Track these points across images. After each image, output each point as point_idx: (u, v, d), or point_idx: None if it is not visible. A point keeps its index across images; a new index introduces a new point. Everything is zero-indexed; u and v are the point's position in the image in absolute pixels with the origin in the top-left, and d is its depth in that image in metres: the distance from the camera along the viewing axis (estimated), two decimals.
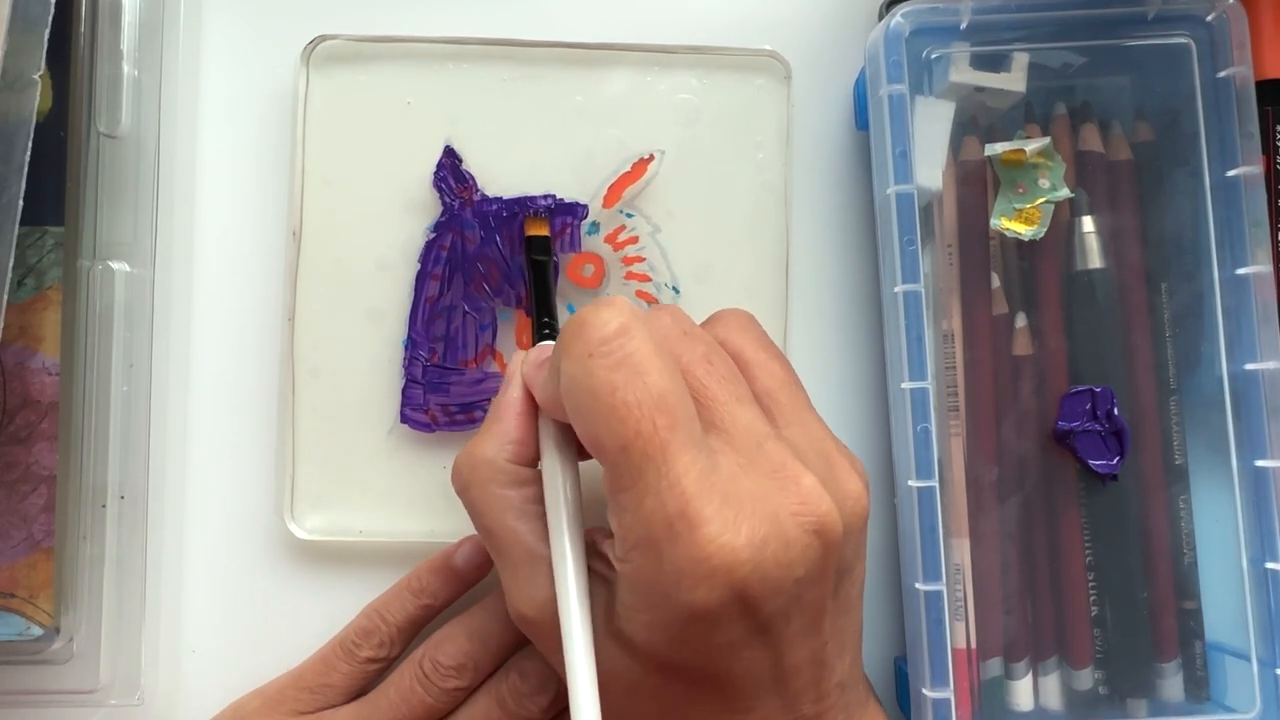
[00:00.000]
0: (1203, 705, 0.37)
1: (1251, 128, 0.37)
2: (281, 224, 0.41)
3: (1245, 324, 0.37)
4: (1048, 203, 0.38)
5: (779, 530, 0.29)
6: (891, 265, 0.36)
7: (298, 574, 0.40)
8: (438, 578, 0.39)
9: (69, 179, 0.37)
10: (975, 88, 0.38)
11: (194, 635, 0.40)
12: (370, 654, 0.38)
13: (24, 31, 0.34)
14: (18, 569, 0.37)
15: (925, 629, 0.35)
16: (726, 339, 0.34)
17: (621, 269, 0.41)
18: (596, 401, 0.29)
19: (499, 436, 0.33)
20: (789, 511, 0.29)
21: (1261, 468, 0.37)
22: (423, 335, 0.40)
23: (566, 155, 0.41)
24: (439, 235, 0.40)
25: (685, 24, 0.42)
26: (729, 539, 0.28)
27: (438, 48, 0.41)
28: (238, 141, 0.42)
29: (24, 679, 0.38)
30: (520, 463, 0.33)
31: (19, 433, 0.37)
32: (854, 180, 0.42)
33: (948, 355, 0.38)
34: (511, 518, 0.32)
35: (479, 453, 0.33)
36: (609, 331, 0.29)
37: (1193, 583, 0.38)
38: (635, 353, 0.29)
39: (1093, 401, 0.37)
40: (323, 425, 0.40)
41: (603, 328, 0.29)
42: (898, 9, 0.37)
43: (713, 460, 0.29)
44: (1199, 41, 0.38)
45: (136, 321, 0.39)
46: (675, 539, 0.28)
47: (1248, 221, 0.37)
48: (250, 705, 0.39)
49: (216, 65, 0.42)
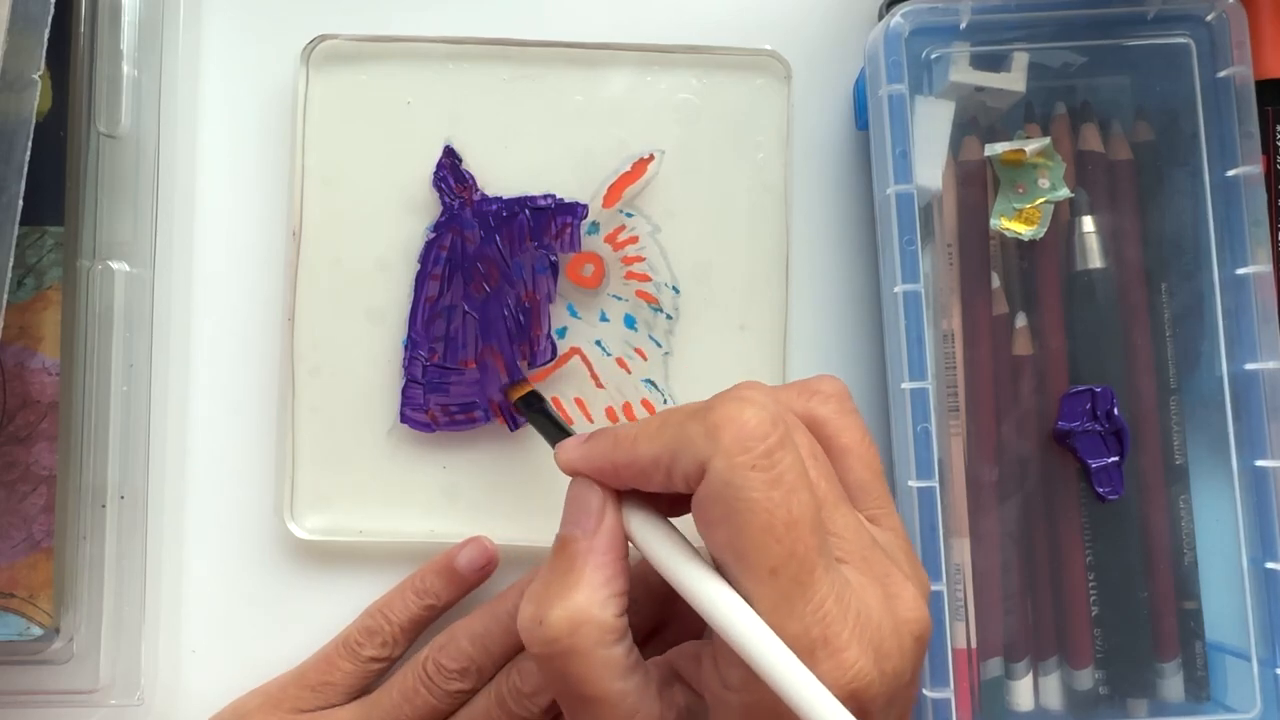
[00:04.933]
0: (1203, 705, 0.37)
1: (1251, 128, 0.37)
2: (281, 224, 0.41)
3: (1245, 324, 0.37)
4: (1048, 203, 0.38)
5: (899, 644, 0.29)
6: (891, 265, 0.36)
7: (298, 574, 0.40)
8: (441, 579, 0.39)
9: (69, 179, 0.37)
10: (975, 88, 0.38)
11: (194, 635, 0.40)
12: (373, 653, 0.38)
13: (24, 31, 0.34)
14: (18, 569, 0.37)
15: None
16: (825, 419, 0.32)
17: (621, 269, 0.41)
18: (754, 516, 0.27)
19: (600, 587, 0.30)
20: (902, 621, 0.29)
21: (1261, 467, 0.37)
22: (423, 335, 0.40)
23: (566, 155, 0.41)
24: (439, 235, 0.40)
25: (685, 24, 0.42)
26: (864, 662, 0.27)
27: (438, 48, 0.41)
28: (238, 142, 0.42)
29: (24, 679, 0.38)
30: (624, 613, 0.30)
31: (19, 433, 0.37)
32: (854, 180, 0.42)
33: (948, 355, 0.38)
34: (619, 679, 0.29)
35: (580, 610, 0.29)
36: (771, 444, 0.28)
37: (1193, 582, 0.38)
38: (792, 468, 0.28)
39: (1093, 401, 0.37)
40: (323, 425, 0.40)
41: (764, 437, 0.28)
42: (897, 9, 0.37)
43: (842, 576, 0.28)
44: (1199, 41, 0.38)
45: (136, 321, 0.39)
46: (815, 665, 0.27)
47: (1248, 221, 0.37)
48: (251, 703, 0.39)
49: (216, 65, 0.42)
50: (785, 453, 0.28)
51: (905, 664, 0.29)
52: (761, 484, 0.27)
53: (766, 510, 0.27)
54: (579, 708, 0.30)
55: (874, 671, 0.28)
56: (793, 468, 0.28)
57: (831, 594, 0.27)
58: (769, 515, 0.27)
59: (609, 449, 0.31)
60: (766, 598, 0.27)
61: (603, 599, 0.29)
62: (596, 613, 0.29)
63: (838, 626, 0.27)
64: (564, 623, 0.29)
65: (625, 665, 0.29)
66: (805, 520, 0.27)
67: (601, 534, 0.30)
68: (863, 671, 0.27)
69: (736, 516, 0.27)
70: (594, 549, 0.30)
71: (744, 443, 0.27)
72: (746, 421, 0.28)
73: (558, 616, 0.29)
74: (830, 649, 0.27)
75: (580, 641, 0.29)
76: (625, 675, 0.29)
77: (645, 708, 0.30)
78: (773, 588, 0.27)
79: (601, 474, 0.31)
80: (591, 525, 0.30)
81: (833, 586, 0.28)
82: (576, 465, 0.31)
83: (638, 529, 0.30)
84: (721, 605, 0.28)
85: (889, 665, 0.28)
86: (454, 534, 0.39)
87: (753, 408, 0.28)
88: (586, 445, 0.31)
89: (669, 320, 0.41)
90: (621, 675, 0.29)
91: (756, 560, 0.27)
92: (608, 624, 0.29)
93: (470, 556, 0.39)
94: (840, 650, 0.27)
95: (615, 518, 0.31)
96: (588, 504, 0.31)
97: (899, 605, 0.29)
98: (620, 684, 0.29)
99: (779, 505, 0.27)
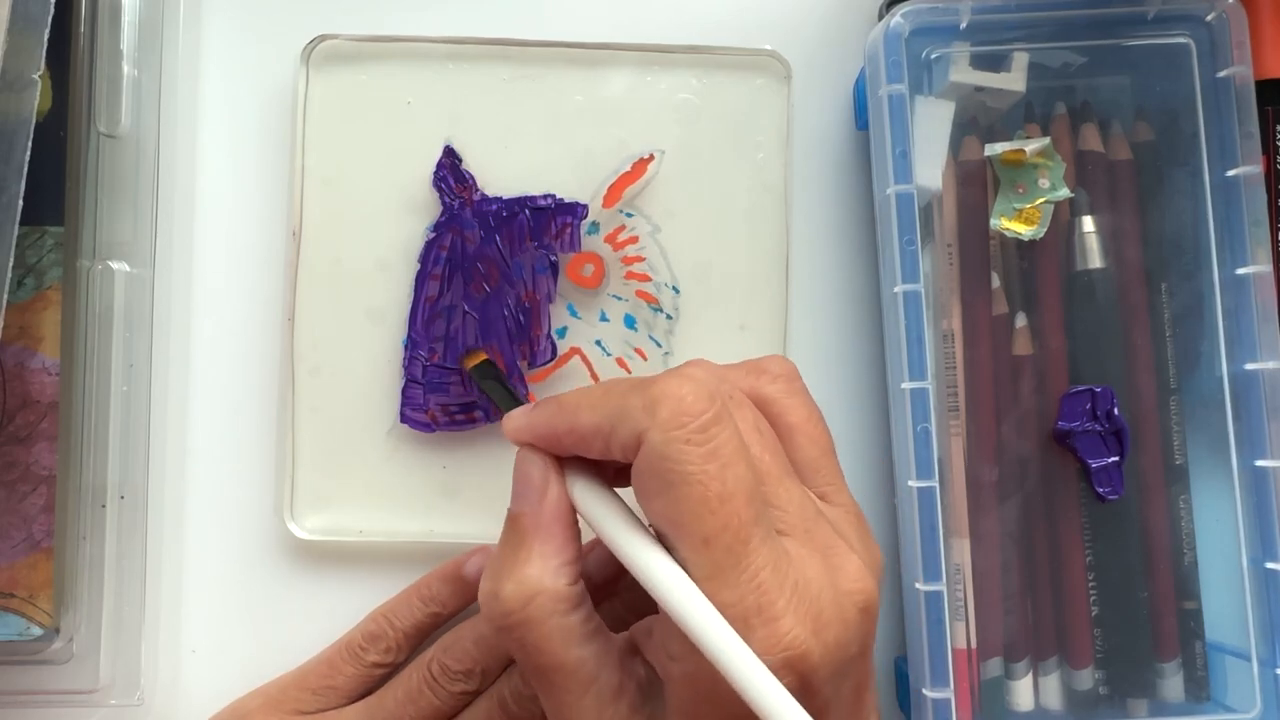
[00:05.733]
0: (1203, 705, 0.37)
1: (1251, 128, 0.37)
2: (281, 224, 0.41)
3: (1245, 324, 0.37)
4: (1047, 202, 0.38)
5: (839, 614, 0.29)
6: (891, 265, 0.36)
7: (298, 574, 0.40)
8: (447, 586, 0.39)
9: (69, 179, 0.37)
10: (975, 87, 0.38)
11: (194, 635, 0.40)
12: (376, 658, 0.38)
13: (24, 31, 0.34)
14: (18, 569, 0.37)
15: (925, 629, 0.35)
16: (773, 398, 0.32)
17: (621, 269, 0.41)
18: (688, 488, 0.28)
19: (550, 557, 0.30)
20: (844, 593, 0.29)
21: (1261, 467, 0.37)
22: (423, 335, 0.40)
23: (566, 155, 0.41)
24: (439, 235, 0.40)
25: (685, 24, 0.42)
26: (800, 630, 0.28)
27: (438, 48, 0.41)
28: (238, 142, 0.42)
29: (24, 679, 0.38)
30: (577, 581, 0.31)
31: (19, 433, 0.37)
32: (854, 180, 0.42)
33: (948, 355, 0.38)
34: (575, 646, 0.30)
35: (532, 582, 0.30)
36: (707, 419, 0.28)
37: (1193, 582, 0.38)
38: (728, 443, 0.28)
39: (1093, 401, 0.37)
40: (323, 425, 0.40)
41: (700, 413, 0.28)
42: (897, 9, 0.37)
43: (780, 547, 0.29)
44: (1199, 41, 0.38)
45: (136, 321, 0.39)
46: (750, 633, 0.27)
47: (1247, 221, 0.37)
48: (251, 704, 0.39)
49: (216, 65, 0.42)
50: (721, 428, 0.28)
51: (849, 634, 0.29)
52: (697, 457, 0.28)
53: (701, 483, 0.28)
54: (540, 679, 0.30)
55: (811, 640, 0.28)
56: (728, 442, 0.28)
57: (768, 565, 0.28)
58: (703, 488, 0.28)
59: (551, 416, 0.31)
60: (701, 566, 0.28)
61: (554, 569, 0.30)
62: (549, 583, 0.30)
63: (772, 595, 0.27)
64: (517, 596, 0.30)
65: (582, 633, 0.30)
66: (740, 493, 0.28)
67: (546, 506, 0.31)
68: (797, 639, 0.27)
69: (672, 489, 0.28)
70: (540, 522, 0.31)
71: (679, 417, 0.28)
72: (684, 397, 0.28)
73: (510, 590, 0.30)
74: (764, 617, 0.27)
75: (534, 612, 0.30)
76: (582, 643, 0.30)
77: (605, 676, 0.30)
78: (707, 557, 0.28)
79: (545, 441, 0.31)
80: (536, 498, 0.31)
81: (769, 557, 0.28)
82: (521, 434, 0.32)
83: (581, 498, 0.31)
84: (657, 572, 0.28)
85: (829, 635, 0.28)
86: (453, 534, 0.39)
87: (691, 383, 0.29)
88: (532, 414, 0.32)
89: (669, 320, 0.41)
90: (578, 642, 0.30)
91: (691, 530, 0.28)
92: (560, 593, 0.30)
93: (478, 564, 0.38)
94: (775, 619, 0.27)
95: (558, 488, 0.31)
96: (530, 477, 0.31)
97: (841, 577, 0.29)
98: (577, 651, 0.30)
99: (713, 478, 0.28)
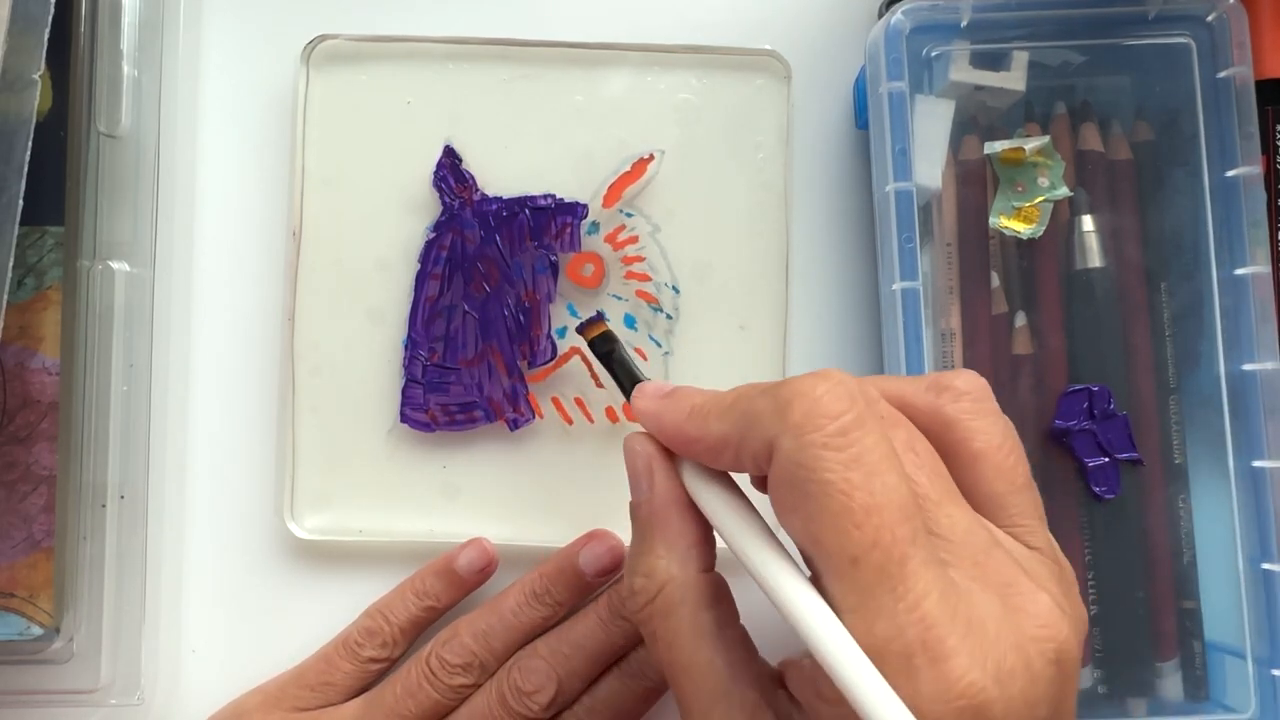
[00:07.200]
0: (1201, 704, 0.37)
1: (1251, 128, 0.37)
2: (281, 224, 0.41)
3: (1243, 324, 0.37)
4: (1047, 201, 0.38)
5: (1025, 662, 0.24)
6: (890, 263, 0.36)
7: (298, 574, 0.40)
8: (441, 581, 0.39)
9: (69, 179, 0.37)
10: (975, 86, 0.38)
11: (194, 635, 0.40)
12: (373, 654, 0.38)
13: (24, 31, 0.34)
14: (18, 569, 0.37)
15: None
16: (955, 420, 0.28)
17: (621, 269, 0.41)
18: (828, 499, 0.24)
19: (673, 543, 0.28)
20: (1029, 638, 0.25)
21: (1258, 468, 0.37)
22: (423, 335, 0.40)
23: (566, 155, 0.41)
24: (439, 235, 0.40)
25: (685, 24, 0.42)
26: (977, 675, 0.23)
27: (438, 48, 0.41)
28: (238, 141, 0.42)
29: (24, 679, 0.38)
30: (709, 569, 0.28)
31: (19, 433, 0.37)
32: (854, 179, 0.42)
33: (947, 354, 0.38)
34: (707, 647, 0.27)
35: (660, 572, 0.28)
36: (846, 422, 0.25)
37: (1192, 582, 0.38)
38: (874, 449, 0.25)
39: (1089, 400, 0.37)
40: (323, 425, 0.40)
41: (837, 415, 0.25)
42: (898, 7, 0.37)
43: (948, 576, 0.25)
44: (1199, 41, 0.38)
45: (136, 321, 0.39)
46: (914, 675, 0.23)
47: (1247, 221, 0.37)
48: (250, 702, 0.39)
49: (216, 65, 0.42)
50: (864, 432, 0.25)
51: (1037, 690, 0.24)
52: (836, 463, 0.24)
53: (843, 492, 0.24)
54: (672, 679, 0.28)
55: (994, 689, 0.23)
56: (875, 448, 0.25)
57: (933, 592, 0.24)
58: (845, 498, 0.24)
59: (682, 419, 0.28)
60: (850, 593, 0.24)
61: (680, 555, 0.28)
62: (676, 570, 0.28)
63: (941, 630, 0.23)
64: (646, 588, 0.28)
65: (716, 635, 0.27)
66: (891, 505, 0.24)
67: (657, 491, 0.29)
68: (975, 684, 0.23)
69: (810, 501, 0.24)
70: (654, 509, 0.29)
71: (815, 419, 0.25)
72: (820, 397, 0.25)
73: (640, 584, 0.28)
74: (931, 655, 0.23)
75: (662, 604, 0.28)
76: (715, 646, 0.27)
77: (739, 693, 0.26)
78: (855, 580, 0.24)
79: (671, 442, 0.29)
80: (645, 485, 0.29)
81: (934, 584, 0.24)
82: (648, 419, 0.30)
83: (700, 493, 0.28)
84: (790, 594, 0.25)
85: (1014, 687, 0.24)
86: (453, 534, 0.39)
87: (827, 382, 0.25)
88: (663, 404, 0.29)
89: (669, 320, 0.41)
90: (711, 644, 0.27)
91: (834, 549, 0.24)
92: (690, 580, 0.28)
93: (470, 558, 0.39)
94: (945, 658, 0.23)
95: (664, 472, 0.29)
96: (635, 466, 0.30)
97: (1024, 619, 0.25)
98: (709, 653, 0.27)
99: (857, 487, 0.24)
